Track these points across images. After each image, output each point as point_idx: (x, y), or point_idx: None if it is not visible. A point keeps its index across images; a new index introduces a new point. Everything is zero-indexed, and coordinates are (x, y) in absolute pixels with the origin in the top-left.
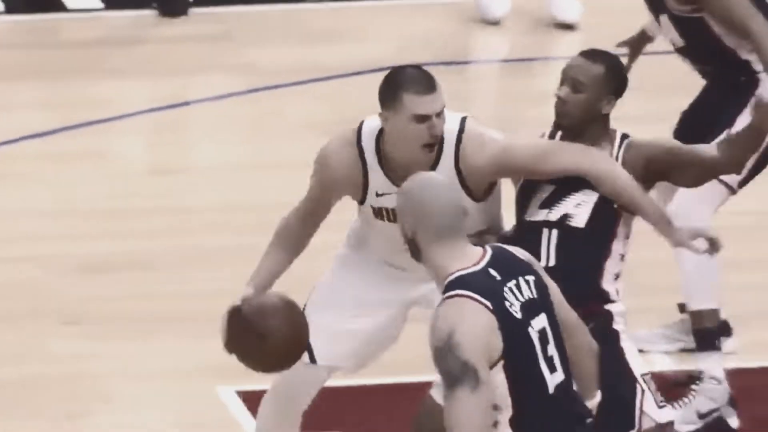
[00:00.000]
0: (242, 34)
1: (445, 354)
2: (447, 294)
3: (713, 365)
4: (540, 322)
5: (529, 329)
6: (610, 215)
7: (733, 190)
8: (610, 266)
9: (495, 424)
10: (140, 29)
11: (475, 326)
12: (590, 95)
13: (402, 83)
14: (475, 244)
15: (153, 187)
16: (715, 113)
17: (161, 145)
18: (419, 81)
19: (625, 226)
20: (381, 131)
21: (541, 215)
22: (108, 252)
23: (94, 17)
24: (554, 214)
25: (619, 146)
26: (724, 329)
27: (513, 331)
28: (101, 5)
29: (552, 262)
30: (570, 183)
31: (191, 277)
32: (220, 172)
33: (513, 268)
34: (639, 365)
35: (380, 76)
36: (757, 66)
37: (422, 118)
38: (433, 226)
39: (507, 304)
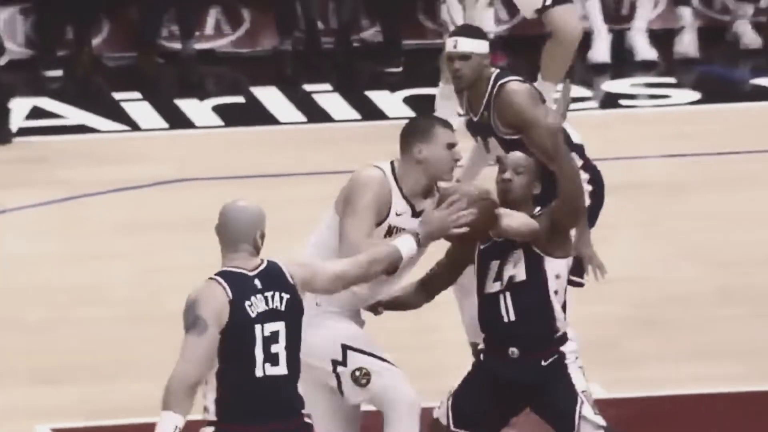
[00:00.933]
0: (56, 157)
1: (186, 311)
2: (207, 278)
3: None
4: (275, 326)
5: (257, 326)
6: (536, 260)
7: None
8: (555, 302)
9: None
10: None
11: (211, 296)
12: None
13: (434, 122)
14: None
15: None
16: None
17: None
18: (445, 121)
19: (550, 268)
20: (394, 169)
21: (496, 287)
22: None
23: None
24: (504, 281)
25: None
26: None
27: (240, 321)
28: None
29: (513, 318)
30: (504, 249)
31: (8, 339)
32: (35, 263)
33: (276, 284)
34: (580, 384)
35: (161, 189)
36: None
37: (451, 145)
38: (229, 239)
39: (248, 303)
